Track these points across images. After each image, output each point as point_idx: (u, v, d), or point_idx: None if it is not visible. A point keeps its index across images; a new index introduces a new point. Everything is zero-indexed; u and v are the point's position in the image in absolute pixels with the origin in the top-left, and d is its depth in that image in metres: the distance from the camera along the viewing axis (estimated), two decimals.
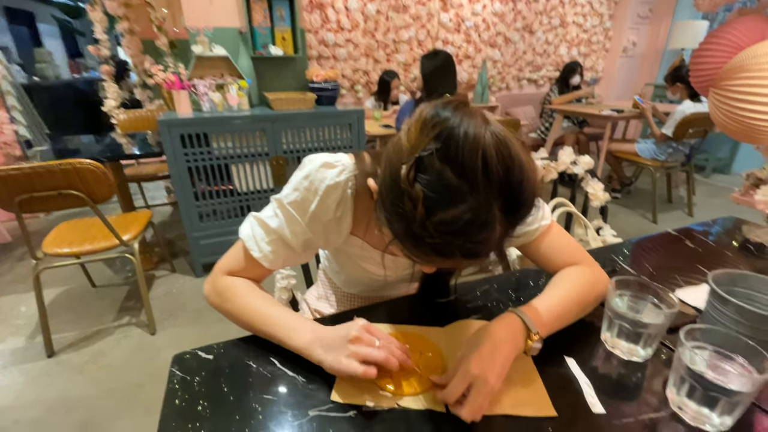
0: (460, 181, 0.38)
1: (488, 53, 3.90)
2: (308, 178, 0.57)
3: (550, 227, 0.64)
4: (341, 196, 0.58)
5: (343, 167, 0.58)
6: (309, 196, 0.58)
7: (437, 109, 0.41)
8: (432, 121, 0.40)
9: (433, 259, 0.43)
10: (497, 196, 0.39)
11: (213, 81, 2.02)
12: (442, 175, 0.38)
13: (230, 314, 0.60)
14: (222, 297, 0.61)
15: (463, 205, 0.38)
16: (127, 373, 1.50)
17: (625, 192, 3.41)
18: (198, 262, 2.11)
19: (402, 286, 0.80)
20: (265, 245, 0.60)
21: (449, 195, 0.38)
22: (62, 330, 1.73)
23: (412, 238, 0.41)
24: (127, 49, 2.75)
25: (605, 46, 4.49)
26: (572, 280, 0.61)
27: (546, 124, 3.62)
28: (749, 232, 0.99)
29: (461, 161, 0.38)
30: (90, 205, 1.47)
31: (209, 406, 0.49)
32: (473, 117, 0.40)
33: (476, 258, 0.42)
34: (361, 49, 3.41)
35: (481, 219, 0.38)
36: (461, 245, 0.40)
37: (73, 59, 6.31)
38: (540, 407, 0.48)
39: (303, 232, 0.60)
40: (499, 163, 0.38)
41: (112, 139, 2.30)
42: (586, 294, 0.60)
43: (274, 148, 2.03)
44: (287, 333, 0.55)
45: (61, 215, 2.87)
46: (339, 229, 0.62)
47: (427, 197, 0.38)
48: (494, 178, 0.38)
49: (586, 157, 1.13)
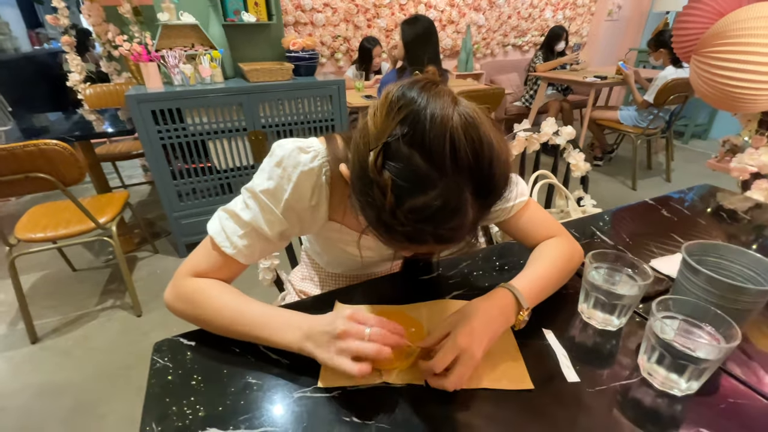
0: (429, 167, 0.37)
1: (472, 18, 3.78)
2: (280, 164, 0.55)
3: (528, 204, 0.65)
4: (315, 182, 0.55)
5: (316, 152, 0.55)
6: (283, 183, 0.55)
7: (403, 89, 0.40)
8: (398, 103, 0.39)
9: (407, 245, 0.43)
10: (468, 180, 0.38)
11: (183, 52, 1.91)
12: (410, 161, 0.37)
13: (202, 320, 0.56)
14: (189, 302, 0.56)
15: (433, 191, 0.37)
16: (114, 355, 1.49)
17: (607, 160, 3.45)
18: (181, 242, 2.07)
19: (385, 264, 0.80)
20: (237, 239, 0.56)
21: (418, 182, 0.37)
22: (44, 316, 1.70)
23: (383, 226, 0.41)
24: (88, 17, 2.56)
25: (590, 9, 4.40)
26: (552, 254, 0.63)
27: (531, 91, 3.58)
28: (723, 199, 1.02)
29: (429, 146, 0.37)
30: (60, 188, 1.41)
31: (193, 392, 0.49)
32: (440, 98, 0.38)
33: (450, 243, 0.42)
34: (341, 14, 3.26)
35: (452, 205, 0.38)
36: (433, 232, 0.39)
37: (33, 30, 5.88)
38: (518, 381, 0.50)
39: (279, 221, 0.57)
40: (468, 146, 0.37)
41: (80, 116, 2.18)
42: (564, 266, 0.63)
43: (252, 122, 1.96)
44: (274, 331, 0.52)
45: (33, 198, 2.76)
46: (314, 217, 0.59)
47: (396, 185, 0.37)
48: (463, 163, 0.37)
49: (568, 128, 1.12)
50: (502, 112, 3.70)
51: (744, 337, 0.56)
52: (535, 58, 3.52)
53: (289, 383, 0.50)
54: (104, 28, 2.60)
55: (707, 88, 1.12)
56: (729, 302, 0.51)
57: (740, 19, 1.03)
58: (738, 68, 1.01)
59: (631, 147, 2.92)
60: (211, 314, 0.55)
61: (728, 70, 1.03)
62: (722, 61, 1.05)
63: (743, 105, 1.07)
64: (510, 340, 0.56)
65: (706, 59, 1.10)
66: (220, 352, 0.55)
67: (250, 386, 0.49)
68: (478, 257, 0.77)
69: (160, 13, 1.87)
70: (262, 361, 0.53)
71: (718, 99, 1.11)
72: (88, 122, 2.04)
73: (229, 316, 0.54)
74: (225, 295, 0.56)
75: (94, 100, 2.50)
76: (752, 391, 0.49)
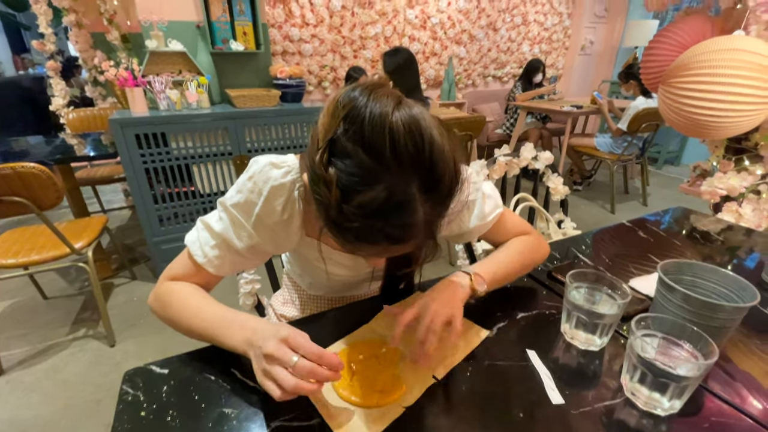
0: (373, 162, 0.37)
1: (454, 50, 3.94)
2: (252, 179, 0.55)
3: (503, 214, 0.69)
4: (287, 197, 0.55)
5: (290, 168, 0.55)
6: (253, 197, 0.55)
7: (348, 91, 0.41)
8: (342, 102, 0.40)
9: (360, 246, 0.42)
10: (412, 174, 0.38)
11: (170, 77, 1.93)
12: (354, 156, 0.38)
13: (172, 321, 0.56)
14: (161, 303, 0.57)
15: (378, 185, 0.37)
16: (84, 388, 1.41)
17: (586, 185, 3.56)
18: (160, 267, 2.01)
19: (364, 287, 0.79)
20: (209, 249, 0.57)
21: (363, 176, 0.38)
22: (11, 346, 1.60)
23: (334, 225, 0.40)
24: (75, 44, 2.58)
25: (564, 44, 4.65)
26: (516, 243, 0.70)
27: (511, 120, 3.71)
28: (696, 221, 1.05)
29: (370, 140, 0.37)
30: (35, 212, 1.37)
31: (165, 424, 0.46)
32: (382, 96, 0.39)
33: (403, 243, 0.41)
34: (328, 45, 3.36)
35: (398, 198, 0.38)
36: (382, 228, 0.39)
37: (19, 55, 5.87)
38: (476, 337, 0.60)
39: (249, 235, 0.57)
40: (408, 139, 0.37)
41: (61, 140, 2.15)
42: (526, 252, 0.69)
43: (238, 147, 1.97)
44: (225, 332, 0.51)
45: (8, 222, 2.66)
46: (288, 232, 0.58)
47: (341, 180, 0.38)
48: (404, 156, 0.37)
49: (546, 153, 1.16)
50: (484, 138, 3.80)
51: (726, 357, 0.57)
52: (514, 88, 3.67)
53: (266, 412, 0.48)
54: (91, 54, 2.62)
55: (675, 116, 1.18)
56: (706, 319, 0.52)
57: (702, 52, 1.10)
58: (702, 97, 1.08)
59: (608, 172, 3.02)
60: (176, 313, 0.56)
61: (693, 99, 1.10)
62: (687, 91, 1.11)
63: (709, 131, 1.13)
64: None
65: (673, 89, 1.17)
66: (194, 380, 0.52)
67: (226, 417, 0.47)
68: None
69: (149, 40, 1.90)
70: (238, 388, 0.51)
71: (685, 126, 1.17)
72: (69, 146, 2.01)
73: (189, 315, 0.55)
74: (191, 296, 0.57)
75: (76, 125, 2.47)
76: (735, 410, 0.49)
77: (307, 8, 3.15)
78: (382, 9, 3.44)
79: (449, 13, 3.75)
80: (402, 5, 3.52)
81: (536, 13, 4.25)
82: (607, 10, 4.58)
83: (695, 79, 1.09)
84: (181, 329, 0.56)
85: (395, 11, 3.52)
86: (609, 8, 4.58)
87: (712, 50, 1.09)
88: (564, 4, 4.39)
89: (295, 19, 3.14)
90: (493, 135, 3.83)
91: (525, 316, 0.66)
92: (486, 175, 1.13)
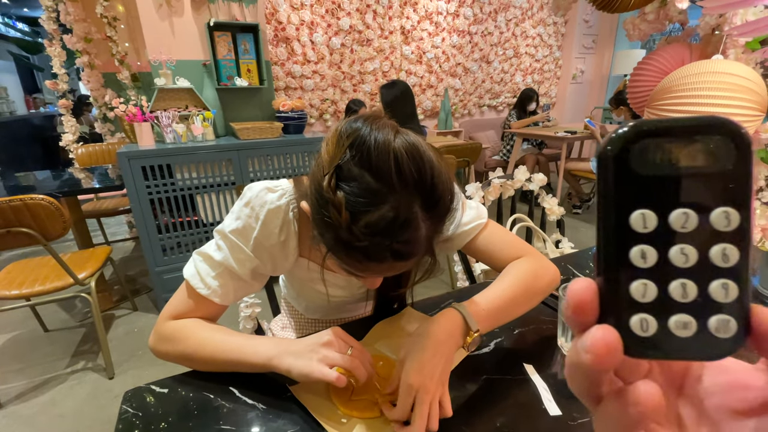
0: (379, 184, 0.41)
1: (449, 82, 4.09)
2: (249, 204, 0.57)
3: (487, 224, 0.66)
4: (283, 219, 0.58)
5: (284, 191, 0.58)
6: (251, 222, 0.57)
7: (350, 123, 0.45)
8: (346, 132, 0.44)
9: (367, 265, 0.44)
10: (414, 194, 0.42)
11: (176, 112, 2.01)
12: (361, 180, 0.41)
13: (185, 356, 0.56)
14: (171, 341, 0.56)
15: (385, 205, 0.40)
16: (81, 422, 1.38)
17: (585, 207, 3.58)
18: (161, 298, 2.01)
19: (359, 307, 0.80)
20: (212, 280, 0.57)
21: (370, 197, 0.41)
22: (9, 380, 1.58)
23: (342, 246, 0.43)
24: (87, 83, 2.70)
25: (556, 74, 4.82)
26: (516, 273, 0.61)
27: (507, 146, 3.79)
28: None
29: (376, 165, 0.41)
30: (42, 242, 1.39)
31: None
32: (383, 126, 0.43)
33: (407, 259, 0.44)
34: (328, 80, 3.50)
35: (404, 216, 0.41)
36: (389, 246, 0.42)
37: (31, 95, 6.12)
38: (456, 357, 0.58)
39: (249, 259, 0.58)
40: (411, 163, 0.41)
41: (69, 174, 2.22)
42: (531, 284, 0.60)
43: (241, 176, 2.02)
44: (252, 351, 0.53)
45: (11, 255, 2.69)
46: (285, 253, 0.60)
47: (350, 202, 0.41)
48: (408, 178, 0.41)
49: (539, 174, 1.19)
50: (481, 165, 3.88)
51: None
52: (509, 116, 3.78)
53: (264, 430, 0.48)
54: (102, 92, 2.74)
55: None
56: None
57: (684, 75, 1.15)
58: None
59: None
60: (194, 348, 0.55)
61: None
62: (671, 112, 1.16)
63: None
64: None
65: (658, 112, 1.22)
66: (193, 399, 0.53)
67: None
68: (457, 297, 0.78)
69: (157, 78, 1.99)
70: (237, 406, 0.51)
71: None
72: (77, 179, 2.07)
73: (212, 346, 0.55)
74: (206, 328, 0.57)
75: (85, 159, 2.55)
76: None
77: (309, 47, 3.31)
78: (379, 46, 3.61)
79: (443, 48, 3.92)
80: (398, 42, 3.70)
81: (527, 46, 4.44)
82: (595, 42, 4.79)
83: (678, 101, 1.14)
84: (198, 361, 0.56)
85: (392, 48, 3.69)
86: (597, 40, 4.78)
87: (693, 73, 1.14)
88: (553, 37, 4.59)
89: (297, 57, 3.29)
90: (491, 161, 3.91)
91: (522, 331, 0.67)
92: (481, 197, 1.16)
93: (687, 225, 0.15)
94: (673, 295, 0.16)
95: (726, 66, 1.10)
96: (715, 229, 0.15)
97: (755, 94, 1.07)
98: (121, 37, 2.56)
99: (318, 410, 0.49)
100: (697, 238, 0.15)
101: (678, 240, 0.15)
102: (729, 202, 0.15)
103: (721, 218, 0.15)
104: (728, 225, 0.15)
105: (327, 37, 3.36)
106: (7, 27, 5.84)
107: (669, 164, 0.15)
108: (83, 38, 2.57)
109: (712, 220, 0.15)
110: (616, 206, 0.16)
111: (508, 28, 4.23)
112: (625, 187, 0.16)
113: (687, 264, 0.15)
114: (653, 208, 0.16)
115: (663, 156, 0.15)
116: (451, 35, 3.92)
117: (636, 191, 0.16)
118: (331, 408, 0.50)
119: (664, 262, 0.16)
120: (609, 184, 0.16)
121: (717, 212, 0.15)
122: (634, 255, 0.16)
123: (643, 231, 0.16)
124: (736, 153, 0.15)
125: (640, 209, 0.16)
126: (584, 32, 4.66)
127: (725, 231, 0.15)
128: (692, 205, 0.15)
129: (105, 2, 2.41)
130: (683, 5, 1.31)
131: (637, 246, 0.16)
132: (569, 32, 4.63)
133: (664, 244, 0.15)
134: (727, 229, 0.15)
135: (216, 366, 0.55)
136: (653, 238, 0.16)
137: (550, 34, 4.54)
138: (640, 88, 1.35)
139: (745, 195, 0.15)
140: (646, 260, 0.16)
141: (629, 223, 0.16)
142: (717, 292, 0.15)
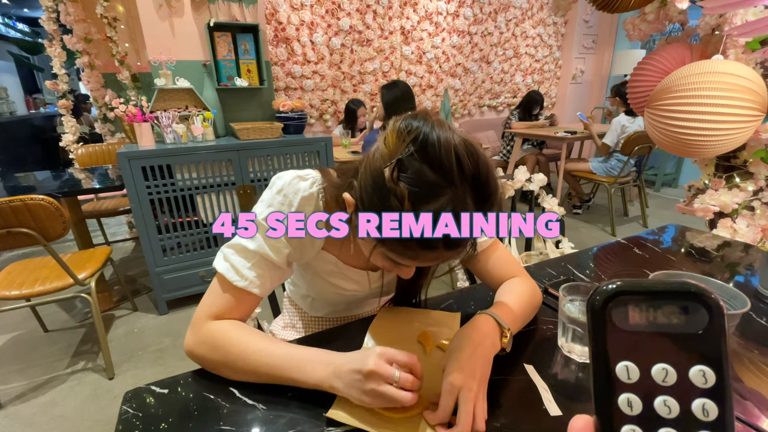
0: (438, 177, 0.43)
1: (449, 83, 4.09)
2: (281, 192, 0.58)
3: (495, 243, 0.69)
4: (315, 206, 0.59)
5: (314, 179, 0.60)
6: (284, 209, 0.58)
7: (408, 120, 0.47)
8: (406, 129, 0.45)
9: (418, 253, 0.46)
10: (470, 188, 0.44)
11: (176, 113, 2.01)
12: (421, 173, 0.43)
13: (224, 364, 0.54)
14: (212, 346, 0.54)
15: (444, 198, 0.43)
16: (81, 423, 1.38)
17: (585, 208, 3.58)
18: (161, 298, 2.01)
19: (368, 304, 0.80)
20: (248, 271, 0.56)
21: (430, 190, 0.43)
22: (9, 380, 1.59)
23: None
24: (87, 84, 2.70)
25: (556, 74, 4.82)
26: (519, 288, 0.65)
27: (507, 147, 3.80)
28: (691, 237, 1.07)
29: (438, 160, 0.43)
30: (42, 243, 1.40)
31: None
32: (441, 124, 0.46)
33: (457, 249, 0.47)
34: (328, 81, 3.50)
35: (459, 209, 0.43)
36: (445, 236, 0.43)
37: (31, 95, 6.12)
38: (454, 324, 0.65)
39: (284, 245, 0.59)
40: (470, 160, 0.43)
41: (69, 174, 2.22)
42: (531, 301, 0.65)
43: (241, 177, 2.02)
44: (303, 370, 0.50)
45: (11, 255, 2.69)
46: (313, 241, 0.62)
47: (411, 193, 0.43)
48: (467, 173, 0.43)
49: (539, 175, 1.19)
50: None
51: (737, 378, 0.57)
52: (511, 116, 3.78)
53: (263, 429, 0.48)
54: (102, 93, 2.74)
55: (661, 137, 1.22)
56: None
57: (684, 75, 1.15)
58: (686, 118, 1.12)
59: (607, 195, 3.06)
60: (235, 357, 0.53)
61: (678, 120, 1.14)
62: (672, 113, 1.16)
63: (695, 151, 1.17)
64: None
65: (658, 111, 1.22)
66: (193, 399, 0.53)
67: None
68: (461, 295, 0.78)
69: (158, 79, 1.99)
70: (237, 407, 0.51)
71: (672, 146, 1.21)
72: (77, 180, 2.07)
73: (255, 358, 0.52)
74: (248, 336, 0.54)
75: (85, 160, 2.55)
76: (749, 427, 0.48)
77: (309, 47, 3.31)
78: (379, 46, 3.61)
79: (443, 48, 3.92)
80: (398, 42, 3.70)
81: (527, 46, 4.45)
82: (595, 42, 4.79)
83: (678, 101, 1.14)
84: (239, 371, 0.53)
85: (392, 48, 3.69)
86: (597, 40, 4.78)
87: (694, 73, 1.15)
88: (553, 37, 4.59)
89: (297, 57, 3.29)
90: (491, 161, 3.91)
91: (522, 332, 0.67)
92: None
93: (667, 380, 0.17)
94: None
95: (726, 66, 1.10)
96: (694, 385, 0.16)
97: (755, 94, 1.07)
98: (121, 38, 2.56)
99: (364, 419, 0.47)
100: (678, 392, 0.17)
101: (660, 392, 0.17)
102: (705, 362, 0.16)
103: (699, 376, 0.16)
104: (705, 383, 0.16)
105: (327, 38, 3.36)
106: (7, 27, 5.84)
107: (647, 323, 0.17)
108: (83, 39, 2.57)
109: (691, 377, 0.16)
110: (604, 356, 0.17)
111: (508, 29, 4.23)
112: (610, 339, 0.17)
113: (671, 415, 0.17)
114: (636, 362, 0.17)
115: (642, 315, 0.17)
116: (451, 35, 3.92)
117: (620, 344, 0.17)
118: (375, 413, 0.48)
119: (650, 411, 0.17)
120: (597, 335, 0.17)
121: (694, 370, 0.16)
122: (621, 403, 0.17)
123: (627, 381, 0.17)
124: (709, 318, 0.16)
125: (624, 361, 0.17)
126: (584, 32, 4.66)
127: (703, 388, 0.16)
128: (671, 361, 0.17)
129: (105, 3, 2.41)
130: (683, 5, 1.31)
131: (624, 394, 0.17)
132: (569, 32, 4.63)
133: (649, 395, 0.17)
134: (705, 386, 0.16)
135: (258, 378, 0.53)
136: (638, 388, 0.17)
137: (550, 34, 4.54)
138: (640, 88, 1.35)
139: (719, 356, 0.16)
140: (632, 408, 0.17)
141: (616, 373, 0.17)
142: None
